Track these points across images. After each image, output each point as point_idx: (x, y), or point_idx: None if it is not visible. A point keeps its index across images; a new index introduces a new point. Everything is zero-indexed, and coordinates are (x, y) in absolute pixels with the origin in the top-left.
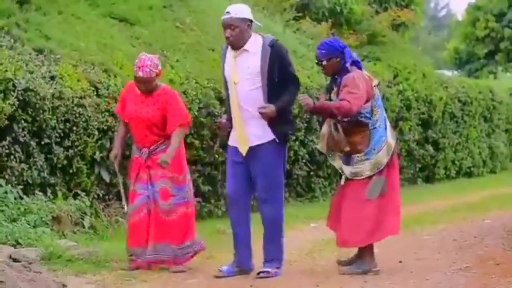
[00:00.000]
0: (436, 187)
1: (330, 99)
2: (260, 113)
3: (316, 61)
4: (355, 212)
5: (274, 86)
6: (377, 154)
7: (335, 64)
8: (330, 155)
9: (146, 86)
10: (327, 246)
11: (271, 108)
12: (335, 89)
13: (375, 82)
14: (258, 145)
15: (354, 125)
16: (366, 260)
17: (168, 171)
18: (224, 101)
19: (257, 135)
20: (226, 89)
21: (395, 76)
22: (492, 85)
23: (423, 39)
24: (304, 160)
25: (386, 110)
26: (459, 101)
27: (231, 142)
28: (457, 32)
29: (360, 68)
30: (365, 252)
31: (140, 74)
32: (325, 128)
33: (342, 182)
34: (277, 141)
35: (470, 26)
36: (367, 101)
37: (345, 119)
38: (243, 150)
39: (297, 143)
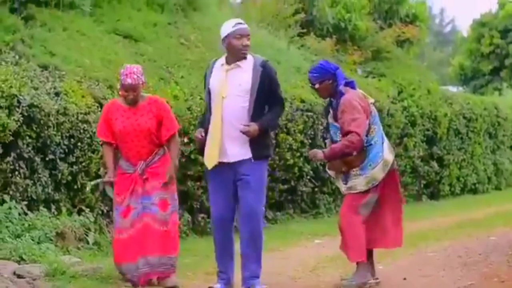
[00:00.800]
0: (441, 203)
1: (328, 123)
2: (244, 131)
3: (310, 84)
4: (352, 226)
5: (259, 106)
6: (372, 170)
7: (328, 86)
8: (334, 177)
9: (134, 94)
10: (331, 262)
11: (254, 127)
12: (331, 112)
13: (371, 100)
14: (241, 161)
15: None
16: (360, 274)
17: (164, 180)
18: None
19: (238, 152)
20: (209, 102)
21: (399, 92)
22: (497, 101)
23: (428, 55)
24: (308, 177)
25: (390, 126)
26: (464, 117)
27: (205, 160)
28: (462, 48)
29: (354, 88)
30: (360, 265)
31: (129, 81)
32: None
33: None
34: (259, 160)
35: (475, 43)
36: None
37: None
38: (210, 164)
39: (301, 159)
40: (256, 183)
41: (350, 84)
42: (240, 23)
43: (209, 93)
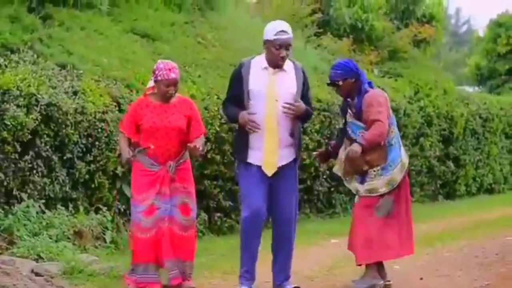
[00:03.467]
0: (457, 203)
1: (345, 122)
2: (292, 106)
3: (329, 81)
4: (365, 229)
5: None
6: (393, 171)
7: (349, 84)
8: (347, 179)
9: (175, 89)
10: (348, 262)
11: (302, 105)
12: (350, 111)
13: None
14: (283, 165)
15: None
16: (370, 275)
17: (188, 185)
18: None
19: (285, 155)
20: (247, 104)
21: (416, 93)
22: None
23: (444, 55)
24: (324, 176)
25: (406, 126)
26: (480, 117)
27: (253, 160)
28: (478, 48)
29: (372, 88)
30: (372, 266)
31: (173, 75)
32: (342, 153)
33: (356, 201)
34: (297, 160)
35: (491, 43)
36: None
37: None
38: (270, 172)
39: (317, 159)
40: (294, 186)
41: (369, 84)
42: (283, 31)
43: (248, 95)
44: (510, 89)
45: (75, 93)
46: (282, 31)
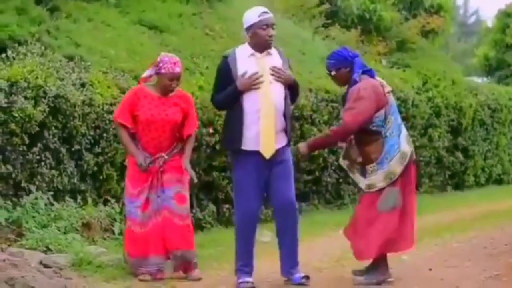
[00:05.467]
0: (466, 194)
1: None
2: (280, 71)
3: (327, 71)
4: (369, 224)
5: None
6: (389, 163)
7: (344, 74)
8: (350, 169)
9: (177, 83)
10: None
11: (292, 75)
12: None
13: (388, 88)
14: (278, 149)
15: (366, 135)
16: (379, 270)
17: (180, 175)
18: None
19: (280, 139)
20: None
21: (424, 83)
22: None
23: (453, 46)
24: (333, 167)
25: (415, 117)
26: (489, 108)
27: (249, 146)
28: (486, 39)
29: (372, 76)
30: (379, 262)
31: (178, 69)
32: (344, 144)
33: (362, 192)
34: (290, 144)
35: (500, 33)
36: (379, 109)
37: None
38: (268, 154)
39: (326, 149)
40: (290, 171)
41: (368, 72)
42: (266, 12)
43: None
44: None
45: (82, 85)
46: (264, 12)
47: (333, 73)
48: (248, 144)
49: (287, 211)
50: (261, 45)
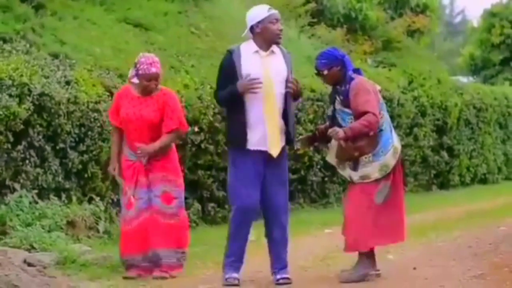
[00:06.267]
0: (451, 193)
1: (334, 109)
2: (290, 84)
3: (316, 71)
4: (359, 216)
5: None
6: (385, 156)
7: (335, 73)
8: (340, 166)
9: (156, 83)
10: (341, 252)
11: (299, 85)
12: (338, 98)
13: (378, 87)
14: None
15: None
16: (363, 264)
17: (169, 174)
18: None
19: (282, 139)
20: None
21: (410, 82)
22: (507, 91)
23: (438, 45)
24: (318, 166)
25: (400, 116)
26: (474, 107)
27: (253, 145)
28: (472, 39)
29: (361, 75)
30: (363, 255)
31: (154, 70)
32: (333, 141)
33: (349, 188)
34: (288, 147)
35: (486, 33)
36: None
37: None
38: (275, 152)
39: (311, 148)
40: (286, 175)
41: (357, 72)
42: (272, 8)
43: (242, 79)
44: (504, 79)
45: (67, 82)
46: (271, 8)
47: (325, 72)
48: (253, 144)
49: (279, 215)
50: (271, 40)
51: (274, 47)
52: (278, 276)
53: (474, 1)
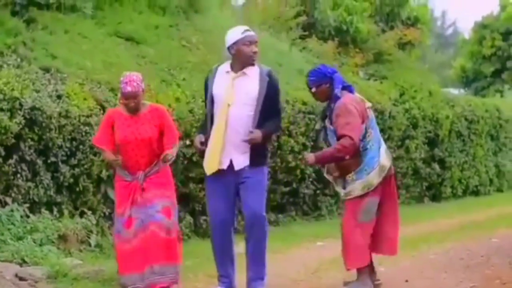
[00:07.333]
0: (443, 205)
1: (325, 126)
2: (249, 138)
3: (308, 88)
4: (349, 234)
5: (263, 115)
6: (368, 175)
7: (325, 90)
8: (334, 182)
9: (135, 101)
10: (333, 265)
11: (258, 133)
12: (328, 115)
13: (368, 104)
14: (244, 168)
15: None
16: (362, 280)
17: (166, 191)
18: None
19: (242, 160)
20: (211, 109)
21: (401, 95)
22: (498, 103)
23: (430, 57)
24: (310, 179)
25: (392, 128)
26: (466, 119)
27: (205, 164)
28: (463, 51)
29: (352, 92)
30: (361, 272)
31: (129, 88)
32: None
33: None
34: (259, 168)
35: (477, 45)
36: (362, 123)
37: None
38: (209, 171)
39: (303, 161)
40: (257, 185)
41: (348, 88)
42: (248, 30)
43: (211, 100)
44: (495, 91)
45: (59, 96)
46: (247, 30)
47: (313, 89)
48: (205, 162)
49: (253, 224)
50: (244, 62)
51: (250, 69)
52: None
53: (466, 13)
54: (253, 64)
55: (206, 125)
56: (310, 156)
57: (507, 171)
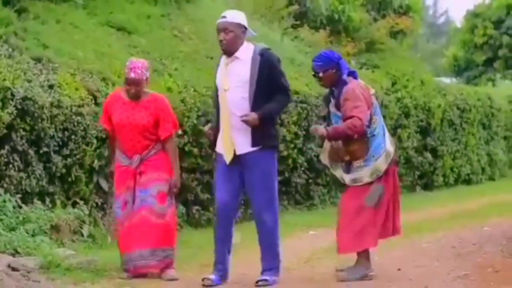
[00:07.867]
0: (435, 194)
1: (329, 112)
2: (243, 120)
3: (313, 73)
4: (354, 218)
5: (261, 96)
6: (376, 161)
7: (331, 75)
8: (333, 166)
9: (137, 88)
10: (326, 254)
11: (254, 116)
12: (333, 101)
13: (372, 91)
14: (248, 153)
15: None
16: (362, 265)
17: (163, 173)
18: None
19: (246, 143)
20: (217, 96)
21: (393, 84)
22: (490, 92)
23: (422, 46)
24: (302, 168)
25: (384, 117)
26: (458, 108)
27: (219, 149)
28: (455, 39)
29: (356, 78)
30: (362, 257)
31: (132, 75)
32: (327, 142)
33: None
34: (257, 151)
35: (469, 33)
36: (367, 109)
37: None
38: (228, 159)
39: (295, 150)
40: (264, 177)
41: (352, 74)
42: (223, 17)
43: (216, 87)
44: (487, 80)
45: (50, 86)
46: (223, 16)
47: (320, 74)
48: (219, 147)
49: (260, 221)
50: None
51: (244, 51)
52: (260, 278)
53: (458, 2)
54: (225, 52)
55: (216, 114)
56: (321, 128)
57: (499, 160)
